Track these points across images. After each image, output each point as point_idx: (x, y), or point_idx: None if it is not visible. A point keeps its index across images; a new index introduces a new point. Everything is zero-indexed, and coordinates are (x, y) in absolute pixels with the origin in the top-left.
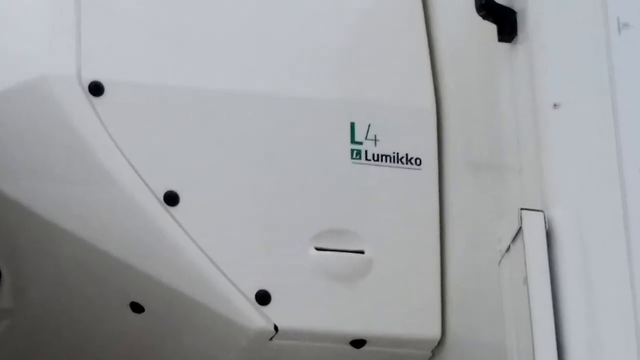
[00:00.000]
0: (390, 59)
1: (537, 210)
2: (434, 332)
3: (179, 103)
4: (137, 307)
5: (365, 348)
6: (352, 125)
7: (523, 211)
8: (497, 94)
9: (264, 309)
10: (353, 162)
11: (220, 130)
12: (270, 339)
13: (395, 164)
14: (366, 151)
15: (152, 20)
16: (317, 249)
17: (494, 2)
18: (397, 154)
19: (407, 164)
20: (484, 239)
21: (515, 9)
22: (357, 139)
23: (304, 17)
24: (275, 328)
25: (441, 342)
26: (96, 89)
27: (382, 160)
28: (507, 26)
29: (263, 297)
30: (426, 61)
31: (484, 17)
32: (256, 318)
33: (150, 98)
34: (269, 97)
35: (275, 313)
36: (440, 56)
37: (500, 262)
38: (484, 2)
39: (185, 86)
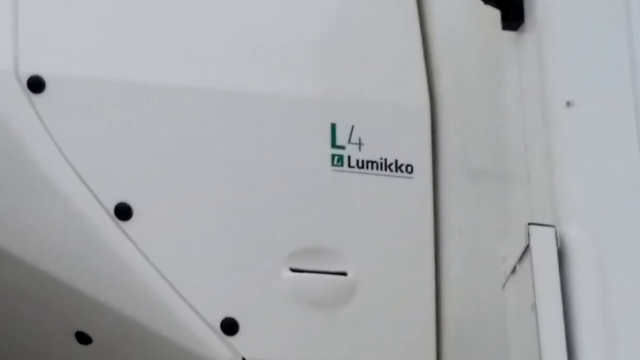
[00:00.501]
0: (377, 50)
1: (548, 226)
2: None
3: (133, 101)
4: (83, 338)
5: None
6: (333, 126)
7: (531, 226)
8: (501, 90)
9: (231, 339)
10: (334, 170)
11: (180, 133)
12: None
13: (383, 172)
14: (349, 157)
15: (101, 5)
16: (292, 270)
17: None
18: (385, 160)
19: (396, 171)
20: (486, 259)
21: None
22: (338, 142)
23: (275, 3)
24: None
25: None
26: (36, 84)
27: (367, 168)
28: (512, 12)
29: (229, 326)
30: (419, 53)
31: (486, 2)
32: (222, 350)
33: (99, 95)
34: (236, 95)
35: (243, 344)
36: (435, 47)
37: (504, 285)
38: None
39: (139, 82)
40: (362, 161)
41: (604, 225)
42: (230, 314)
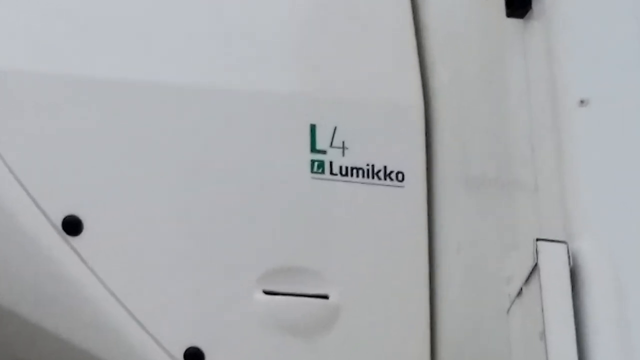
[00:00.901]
0: (363, 42)
1: (558, 242)
2: None
3: (83, 99)
4: None
5: None
6: (312, 128)
7: (540, 242)
8: (505, 87)
9: None
10: (313, 178)
11: (138, 136)
12: None
13: (370, 180)
14: (331, 163)
15: None
16: (266, 292)
17: None
18: (373, 166)
19: (385, 179)
20: (488, 279)
21: None
22: (318, 146)
23: None
24: None
25: None
26: None
27: (352, 175)
28: None
29: (194, 357)
30: (411, 45)
31: None
32: None
33: (40, 91)
34: (199, 92)
35: None
36: (429, 38)
37: (509, 310)
38: None
39: (89, 77)
40: (346, 168)
41: (623, 241)
42: (195, 343)
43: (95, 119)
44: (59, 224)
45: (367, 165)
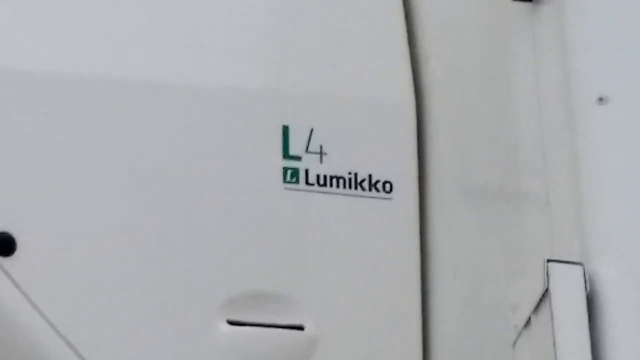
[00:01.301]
0: (344, 31)
1: (574, 263)
2: None
3: (18, 95)
4: None
5: None
6: (285, 130)
7: (551, 264)
8: (511, 83)
9: None
10: (286, 188)
11: (82, 139)
12: None
13: (352, 191)
14: (306, 171)
15: None
16: (231, 323)
17: None
18: (355, 175)
19: (370, 190)
20: (490, 309)
21: None
22: (292, 151)
23: None
24: None
25: None
26: None
27: (331, 185)
28: None
29: None
30: (400, 34)
31: None
32: None
33: None
34: (151, 87)
35: None
36: (422, 26)
37: (515, 342)
38: None
39: (27, 70)
40: (324, 177)
41: None
42: None
43: (29, 119)
44: None
45: (349, 173)
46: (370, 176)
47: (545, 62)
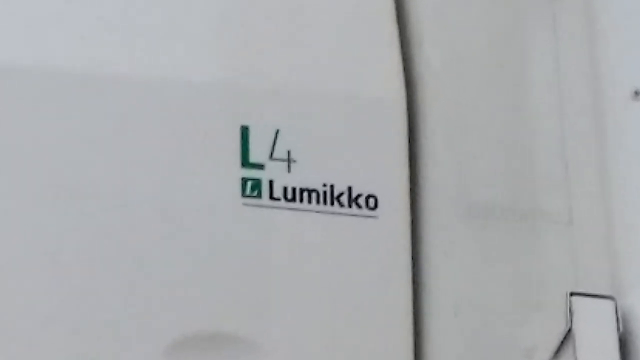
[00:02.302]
0: (319, 11)
1: (603, 297)
2: None
3: None
4: None
5: None
6: (244, 131)
7: (575, 298)
8: (525, 75)
9: None
10: (245, 204)
11: None
12: None
13: (328, 207)
14: (271, 182)
15: None
16: None
17: None
18: (332, 187)
19: (350, 206)
20: (498, 353)
21: None
22: (253, 158)
23: None
24: None
25: None
26: None
27: (302, 201)
28: None
29: None
30: (388, 13)
31: None
32: None
33: None
34: (78, 79)
35: None
36: (415, 6)
37: None
38: None
39: None
40: (293, 190)
41: None
42: None
43: None
44: None
45: (324, 185)
46: (350, 189)
47: (569, 50)
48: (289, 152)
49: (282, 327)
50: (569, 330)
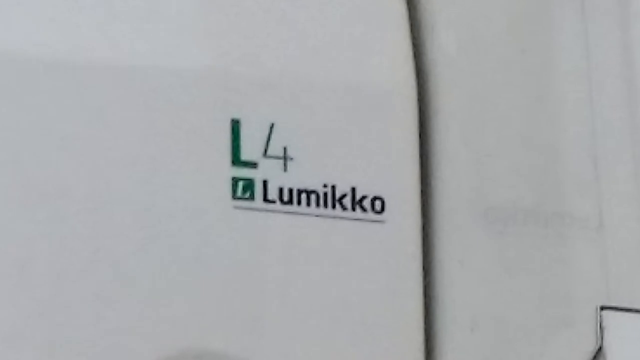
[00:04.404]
0: None
1: (637, 311)
2: None
3: None
4: None
5: None
6: (235, 125)
7: (607, 313)
8: (550, 62)
9: None
10: (236, 207)
11: None
12: None
13: (329, 211)
14: (265, 183)
15: None
16: None
17: None
18: (333, 188)
19: (354, 210)
20: None
21: None
22: (245, 155)
23: None
24: None
25: None
26: None
27: (299, 203)
28: None
29: None
30: None
31: None
32: None
33: None
34: (52, 66)
35: None
36: None
37: None
38: None
39: None
40: (290, 191)
41: None
42: None
43: None
44: None
45: (325, 186)
46: (353, 190)
47: (600, 31)
48: (285, 149)
49: (277, 344)
50: (600, 349)
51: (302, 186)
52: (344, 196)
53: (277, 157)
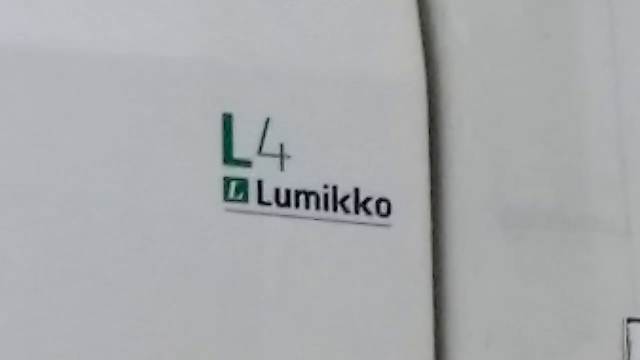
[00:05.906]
0: None
1: None
2: None
3: None
4: None
5: None
6: (227, 120)
7: (633, 325)
8: (572, 51)
9: None
10: (228, 209)
11: None
12: None
13: (330, 214)
14: (260, 183)
15: None
16: None
17: None
18: (334, 189)
19: (357, 212)
20: None
21: None
22: (238, 153)
23: None
24: None
25: None
26: None
27: (297, 205)
28: None
29: None
30: None
31: None
32: None
33: None
34: (34, 56)
35: None
36: None
37: None
38: None
39: None
40: (287, 192)
41: None
42: None
43: None
44: None
45: (325, 187)
46: (356, 191)
47: (628, 16)
48: (281, 146)
49: (274, 358)
50: None
51: (300, 187)
52: (346, 198)
53: (273, 155)
